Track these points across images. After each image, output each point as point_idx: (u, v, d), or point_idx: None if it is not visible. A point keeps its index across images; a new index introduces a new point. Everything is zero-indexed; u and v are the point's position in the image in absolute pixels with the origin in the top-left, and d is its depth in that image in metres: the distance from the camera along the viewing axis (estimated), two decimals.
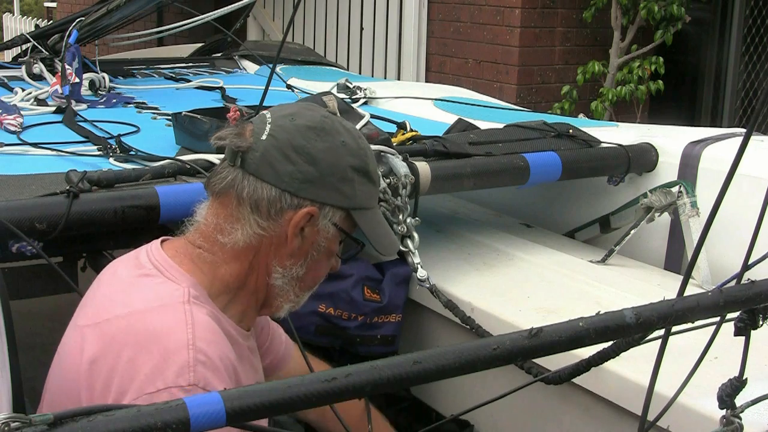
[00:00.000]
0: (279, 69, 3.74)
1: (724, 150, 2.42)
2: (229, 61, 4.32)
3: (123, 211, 1.79)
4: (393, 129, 2.53)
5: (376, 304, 2.17)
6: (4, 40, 5.28)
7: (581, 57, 5.40)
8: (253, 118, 1.46)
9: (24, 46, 3.86)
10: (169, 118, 2.62)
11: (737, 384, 1.06)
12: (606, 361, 1.46)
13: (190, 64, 4.26)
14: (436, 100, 3.32)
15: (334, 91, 3.22)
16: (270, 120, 1.39)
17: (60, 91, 3.05)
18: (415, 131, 2.50)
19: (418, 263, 2.09)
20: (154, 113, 3.05)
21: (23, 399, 1.08)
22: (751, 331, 1.09)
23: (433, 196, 2.34)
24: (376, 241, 1.46)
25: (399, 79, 5.89)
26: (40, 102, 3.10)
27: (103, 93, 3.36)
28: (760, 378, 1.42)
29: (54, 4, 11.47)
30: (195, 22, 4.09)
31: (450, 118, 2.89)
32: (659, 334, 1.14)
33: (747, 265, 1.09)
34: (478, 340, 1.03)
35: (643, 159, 2.53)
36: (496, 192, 2.70)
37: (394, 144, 2.28)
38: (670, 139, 2.57)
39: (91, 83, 3.38)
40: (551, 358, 1.60)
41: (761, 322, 1.08)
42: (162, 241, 1.45)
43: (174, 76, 3.95)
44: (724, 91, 5.73)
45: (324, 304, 2.13)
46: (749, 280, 1.08)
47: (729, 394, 1.07)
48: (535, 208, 2.84)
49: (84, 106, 3.06)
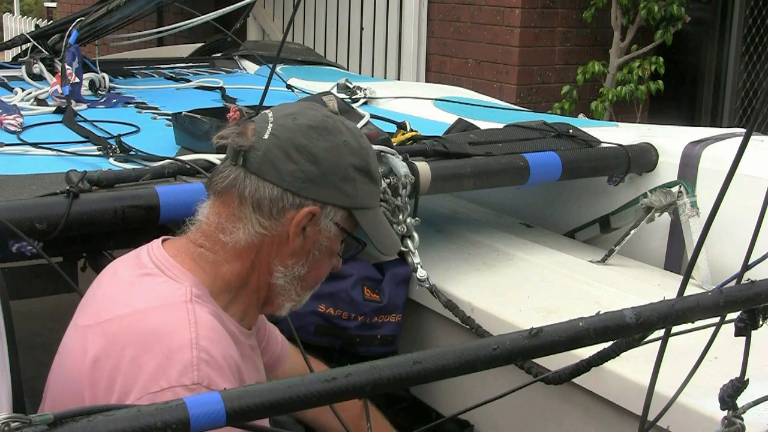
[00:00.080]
0: (279, 69, 3.74)
1: (724, 150, 2.42)
2: (229, 61, 4.31)
3: (123, 211, 1.79)
4: (393, 129, 2.53)
5: (376, 304, 2.17)
6: (4, 40, 5.28)
7: (581, 57, 5.40)
8: (255, 117, 1.46)
9: (24, 46, 3.86)
10: (169, 118, 2.61)
11: (738, 385, 1.06)
12: (606, 361, 1.46)
13: (190, 64, 4.25)
14: (436, 100, 3.32)
15: (334, 91, 3.22)
16: (272, 119, 1.39)
17: (60, 91, 3.05)
18: (415, 131, 2.49)
19: (418, 263, 2.09)
20: (154, 113, 3.05)
21: (23, 399, 1.08)
22: (752, 331, 1.09)
23: (433, 196, 2.33)
24: (378, 241, 1.46)
25: (399, 79, 5.89)
26: (40, 102, 3.10)
27: (103, 93, 3.36)
28: (761, 378, 1.42)
29: (54, 4, 11.47)
30: (195, 22, 4.09)
31: (450, 118, 2.89)
32: (659, 334, 1.13)
33: (747, 265, 1.08)
34: (478, 340, 1.03)
35: (643, 159, 2.53)
36: (496, 192, 2.70)
37: (394, 144, 2.28)
38: (670, 139, 2.57)
39: (91, 83, 3.38)
40: (551, 358, 1.60)
41: (761, 322, 1.08)
42: (162, 241, 1.45)
43: (174, 76, 3.95)
44: (724, 91, 5.73)
45: (324, 304, 2.13)
46: (749, 280, 1.08)
47: (730, 395, 1.07)
48: (535, 208, 2.84)
49: (84, 106, 3.06)
